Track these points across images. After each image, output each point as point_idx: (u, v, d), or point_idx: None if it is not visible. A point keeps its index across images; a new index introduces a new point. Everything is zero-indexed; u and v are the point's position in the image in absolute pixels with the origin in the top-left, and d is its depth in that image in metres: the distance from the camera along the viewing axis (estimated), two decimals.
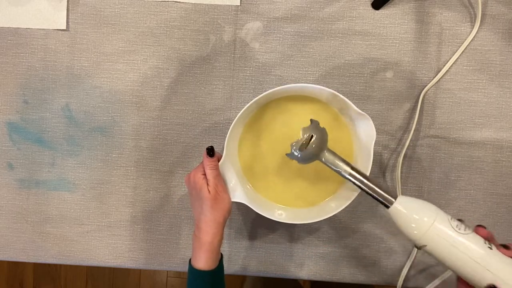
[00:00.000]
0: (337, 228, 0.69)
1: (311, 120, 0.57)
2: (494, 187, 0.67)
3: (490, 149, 0.67)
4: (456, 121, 0.67)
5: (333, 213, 0.59)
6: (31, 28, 0.67)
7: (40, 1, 0.67)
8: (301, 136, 0.57)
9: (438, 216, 0.49)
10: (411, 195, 0.67)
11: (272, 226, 0.69)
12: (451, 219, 0.50)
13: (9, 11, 0.67)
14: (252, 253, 0.70)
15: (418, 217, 0.50)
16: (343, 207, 0.59)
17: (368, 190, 0.54)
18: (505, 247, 0.48)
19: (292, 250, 0.69)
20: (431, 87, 0.66)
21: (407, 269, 0.68)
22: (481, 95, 0.66)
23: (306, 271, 0.70)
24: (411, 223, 0.50)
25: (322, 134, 0.57)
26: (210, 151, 0.58)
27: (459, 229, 0.49)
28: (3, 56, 0.68)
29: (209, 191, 0.57)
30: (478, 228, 0.50)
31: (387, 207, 0.52)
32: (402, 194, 0.67)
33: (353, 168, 0.55)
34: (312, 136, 0.57)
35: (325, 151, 0.57)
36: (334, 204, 0.61)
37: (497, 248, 0.48)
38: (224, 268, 0.70)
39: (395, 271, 0.69)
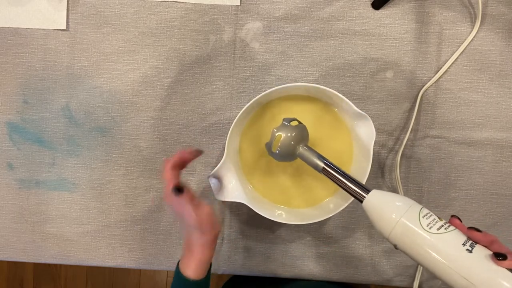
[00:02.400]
0: (337, 228, 0.69)
1: (283, 119, 0.57)
2: (494, 187, 0.67)
3: (490, 149, 0.67)
4: (456, 121, 0.67)
5: (333, 213, 0.59)
6: (31, 28, 0.67)
7: (40, 1, 0.67)
8: (271, 135, 0.57)
9: (407, 212, 0.44)
10: (411, 195, 0.68)
11: (272, 226, 0.69)
12: (426, 215, 0.44)
13: (9, 11, 0.67)
14: (252, 253, 0.70)
15: (387, 213, 0.45)
16: (343, 207, 0.59)
17: (342, 184, 0.53)
18: (477, 230, 0.43)
19: (292, 250, 0.69)
20: (430, 86, 0.66)
21: (420, 269, 0.68)
22: (481, 95, 0.66)
23: (306, 271, 0.70)
24: (381, 219, 0.46)
25: (299, 131, 0.57)
26: (178, 190, 0.52)
27: (430, 228, 0.43)
28: (3, 56, 0.68)
29: (194, 217, 0.53)
30: (452, 219, 0.45)
31: (361, 201, 0.49)
32: (404, 194, 0.67)
33: (326, 164, 0.55)
34: (281, 135, 0.56)
35: (300, 147, 0.57)
36: (333, 204, 0.61)
37: (469, 234, 0.42)
38: (224, 268, 0.70)
39: (395, 271, 0.69)
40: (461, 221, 0.45)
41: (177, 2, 0.66)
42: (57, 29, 0.67)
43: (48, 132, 0.69)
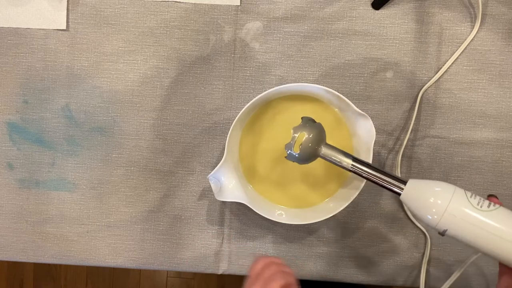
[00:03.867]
0: (337, 228, 0.69)
1: (302, 118, 0.55)
2: (494, 187, 0.67)
3: (490, 149, 0.67)
4: (456, 121, 0.67)
5: (333, 213, 0.60)
6: (31, 28, 0.67)
7: (40, 1, 0.67)
8: (292, 136, 0.54)
9: (454, 195, 0.44)
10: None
11: (272, 226, 0.69)
12: (472, 196, 0.44)
13: (9, 11, 0.67)
14: (252, 254, 0.70)
15: (432, 200, 0.44)
16: (343, 207, 0.59)
17: (375, 179, 0.51)
18: None
19: (292, 250, 0.69)
20: (430, 86, 0.66)
21: (424, 268, 0.68)
22: (481, 95, 0.66)
23: (306, 271, 0.70)
24: (425, 208, 0.45)
25: (318, 130, 0.55)
26: None
27: (480, 206, 0.43)
28: (3, 56, 0.68)
29: None
30: (491, 198, 0.45)
31: (399, 194, 0.48)
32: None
33: (355, 159, 0.53)
34: (304, 134, 0.54)
35: (322, 146, 0.54)
36: (334, 204, 0.62)
37: None
38: (224, 268, 0.70)
39: (395, 271, 0.69)
40: (498, 199, 0.45)
41: (177, 2, 0.66)
42: (57, 29, 0.67)
43: (48, 132, 0.69)
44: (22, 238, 0.71)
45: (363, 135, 0.60)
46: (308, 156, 0.55)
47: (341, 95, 0.57)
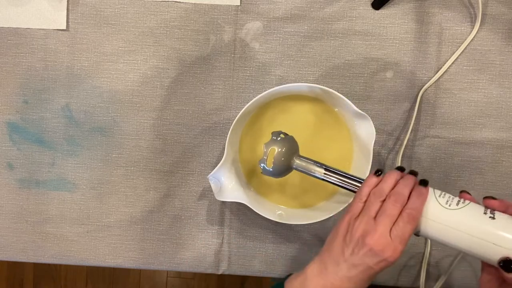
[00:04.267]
0: None
1: (272, 133, 0.56)
2: (494, 187, 0.67)
3: (490, 149, 0.67)
4: (456, 121, 0.67)
5: (333, 213, 0.59)
6: (31, 28, 0.67)
7: (40, 1, 0.67)
8: (263, 151, 0.56)
9: None
10: None
11: (272, 226, 0.69)
12: (441, 195, 0.44)
13: (9, 11, 0.67)
14: (252, 254, 0.70)
15: None
16: (343, 207, 0.59)
17: (347, 186, 0.52)
18: (493, 198, 0.43)
19: (292, 250, 0.69)
20: (430, 86, 0.66)
21: (424, 268, 0.68)
22: (481, 95, 0.66)
23: None
24: None
25: (290, 143, 0.56)
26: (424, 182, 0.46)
27: (449, 205, 0.43)
28: (3, 56, 0.68)
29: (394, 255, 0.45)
30: (463, 195, 0.46)
31: None
32: None
33: (327, 169, 0.54)
34: (275, 149, 0.55)
35: (295, 159, 0.56)
36: (334, 204, 0.62)
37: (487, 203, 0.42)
38: (224, 268, 0.70)
39: (395, 271, 0.69)
40: (470, 195, 0.46)
41: (177, 2, 0.66)
42: (57, 29, 0.67)
43: (48, 132, 0.69)
44: (22, 238, 0.71)
45: (363, 135, 0.60)
46: (281, 169, 0.57)
47: (341, 95, 0.57)
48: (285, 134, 0.57)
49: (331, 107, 0.62)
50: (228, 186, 0.60)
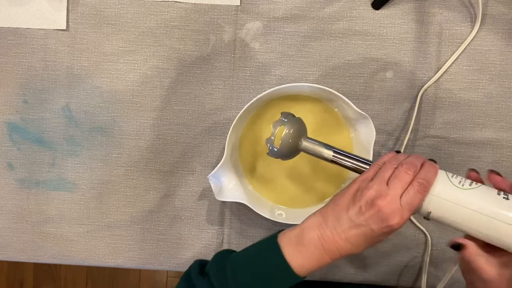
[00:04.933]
0: None
1: (281, 113, 0.55)
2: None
3: (490, 149, 0.67)
4: (456, 121, 0.67)
5: None
6: (31, 28, 0.67)
7: (40, 1, 0.67)
8: (271, 131, 0.54)
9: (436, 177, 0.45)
10: None
11: (272, 226, 0.69)
12: (453, 176, 0.45)
13: (9, 11, 0.67)
14: None
15: None
16: None
17: (357, 167, 0.51)
18: (498, 174, 0.44)
19: None
20: (430, 86, 0.66)
21: (426, 267, 0.68)
22: (481, 95, 0.66)
23: None
24: None
25: (298, 124, 0.55)
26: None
27: (462, 185, 0.44)
28: (3, 56, 0.68)
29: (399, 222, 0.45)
30: (470, 173, 0.46)
31: None
32: None
33: (336, 151, 0.53)
34: (284, 129, 0.53)
35: (302, 140, 0.54)
36: None
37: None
38: None
39: (395, 271, 0.69)
40: (478, 174, 0.46)
41: (177, 2, 0.66)
42: (57, 29, 0.67)
43: (48, 132, 0.69)
44: (22, 238, 0.71)
45: (363, 135, 0.60)
46: (288, 150, 0.55)
47: (341, 95, 0.57)
48: (293, 116, 0.55)
49: (331, 107, 0.62)
50: (228, 186, 0.60)
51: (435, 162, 0.48)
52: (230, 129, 0.57)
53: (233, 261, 0.51)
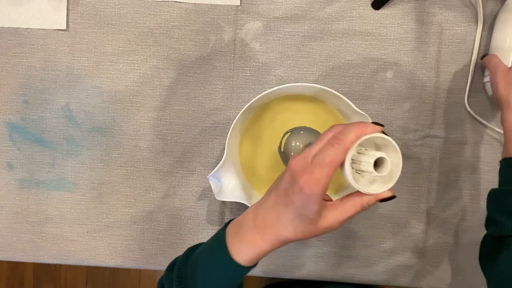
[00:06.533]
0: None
1: (297, 128, 0.57)
2: (494, 187, 0.67)
3: (490, 149, 0.67)
4: (456, 121, 0.67)
5: None
6: (31, 28, 0.67)
7: (40, 1, 0.67)
8: (293, 143, 0.56)
9: None
10: (411, 195, 0.68)
11: None
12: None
13: (9, 11, 0.67)
14: None
15: None
16: None
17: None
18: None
19: (292, 250, 0.69)
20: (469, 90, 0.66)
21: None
22: (481, 94, 0.66)
23: (306, 271, 0.70)
24: None
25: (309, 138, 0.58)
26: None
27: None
28: (3, 56, 0.68)
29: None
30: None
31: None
32: (404, 194, 0.67)
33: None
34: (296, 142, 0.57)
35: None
36: None
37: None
38: None
39: (395, 271, 0.69)
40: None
41: (177, 2, 0.66)
42: (57, 29, 0.67)
43: (48, 132, 0.69)
44: (22, 238, 0.71)
45: None
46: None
47: (341, 95, 0.57)
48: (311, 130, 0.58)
49: (331, 107, 0.62)
50: (228, 186, 0.60)
51: (382, 126, 0.43)
52: (230, 129, 0.57)
53: (193, 252, 0.48)
